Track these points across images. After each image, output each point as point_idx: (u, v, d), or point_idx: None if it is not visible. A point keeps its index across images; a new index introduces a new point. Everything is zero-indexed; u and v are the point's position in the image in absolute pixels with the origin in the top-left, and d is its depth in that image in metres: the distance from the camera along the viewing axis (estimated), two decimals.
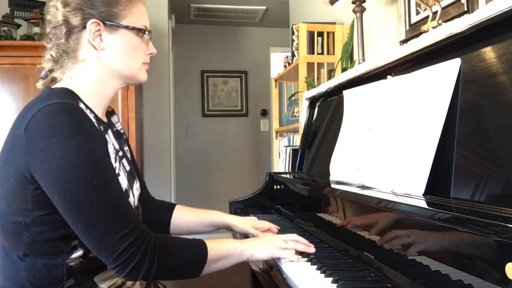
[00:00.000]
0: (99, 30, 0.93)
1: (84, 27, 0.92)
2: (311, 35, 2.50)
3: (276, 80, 3.21)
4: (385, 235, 0.89)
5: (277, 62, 4.84)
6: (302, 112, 1.95)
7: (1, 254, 0.93)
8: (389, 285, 0.84)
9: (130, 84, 1.04)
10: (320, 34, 2.51)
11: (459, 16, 1.27)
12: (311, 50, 2.49)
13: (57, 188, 0.81)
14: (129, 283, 1.01)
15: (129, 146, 1.17)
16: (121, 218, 0.84)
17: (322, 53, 2.51)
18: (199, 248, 0.92)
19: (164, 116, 3.51)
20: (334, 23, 2.57)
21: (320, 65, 2.53)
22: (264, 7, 4.43)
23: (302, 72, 2.47)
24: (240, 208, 1.77)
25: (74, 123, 0.82)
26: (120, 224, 0.83)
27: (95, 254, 0.85)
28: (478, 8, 1.28)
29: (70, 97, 0.89)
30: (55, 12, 0.94)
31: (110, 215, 0.82)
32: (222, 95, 5.02)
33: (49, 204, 0.83)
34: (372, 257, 0.93)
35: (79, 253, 0.89)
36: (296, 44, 2.55)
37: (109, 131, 1.01)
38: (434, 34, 1.00)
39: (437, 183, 0.90)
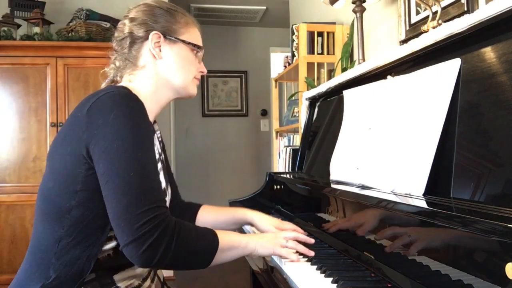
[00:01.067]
0: (159, 41, 1.04)
1: (147, 38, 1.03)
2: (311, 35, 2.50)
3: (276, 80, 3.21)
4: (385, 235, 0.89)
5: (277, 62, 4.84)
6: (302, 112, 1.95)
7: (33, 238, 0.95)
8: (389, 285, 0.84)
9: (182, 96, 1.12)
10: (320, 34, 2.51)
11: (459, 16, 1.27)
12: (311, 50, 2.49)
13: (105, 156, 0.85)
14: (145, 284, 1.02)
15: (165, 153, 1.23)
16: (151, 193, 0.86)
17: (322, 53, 2.51)
18: (212, 237, 0.94)
19: (164, 116, 3.52)
20: (334, 23, 2.57)
21: (320, 65, 2.53)
22: (264, 7, 4.43)
23: (302, 72, 2.47)
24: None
25: (132, 106, 0.90)
26: (149, 198, 0.85)
27: (114, 225, 0.85)
28: (478, 8, 1.28)
29: (130, 90, 0.96)
30: (123, 27, 1.06)
31: (142, 187, 0.85)
32: (222, 95, 5.02)
33: (98, 187, 0.87)
34: (372, 257, 0.93)
35: (112, 244, 0.92)
36: (296, 44, 2.55)
37: (155, 135, 1.07)
38: (434, 34, 1.00)
39: (437, 183, 0.90)
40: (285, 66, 3.02)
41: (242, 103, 5.06)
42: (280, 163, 2.67)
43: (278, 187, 1.74)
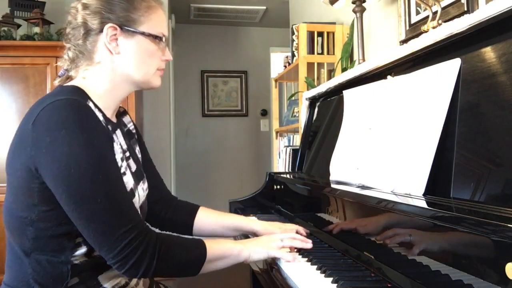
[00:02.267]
0: (115, 34, 0.94)
1: (101, 31, 0.94)
2: (311, 35, 2.50)
3: (276, 80, 3.21)
4: (385, 235, 0.89)
5: (277, 62, 4.84)
6: (302, 112, 1.95)
7: (8, 250, 0.94)
8: (389, 285, 0.84)
9: (143, 89, 1.05)
10: (320, 34, 2.51)
11: (459, 16, 1.27)
12: (311, 50, 2.49)
13: (61, 182, 0.81)
14: (132, 283, 1.01)
15: (142, 145, 1.17)
16: (123, 214, 0.84)
17: (322, 53, 2.51)
18: (198, 248, 0.93)
19: (164, 116, 3.52)
20: (334, 23, 2.57)
21: (320, 65, 2.53)
22: (264, 7, 4.43)
23: (302, 72, 2.47)
24: (240, 208, 1.77)
25: (80, 119, 0.83)
26: (123, 220, 0.84)
27: (96, 249, 0.86)
28: (478, 8, 1.28)
29: (79, 94, 0.90)
30: (75, 13, 0.96)
31: (113, 211, 0.83)
32: (222, 95, 5.02)
33: (54, 199, 0.84)
34: (372, 257, 0.93)
35: (82, 250, 0.89)
36: (296, 44, 2.55)
37: (118, 131, 1.01)
38: (434, 34, 1.00)
39: (437, 183, 0.90)
40: (285, 66, 3.02)
41: (242, 103, 5.06)
42: (280, 163, 2.66)
43: (278, 187, 1.74)
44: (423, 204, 0.82)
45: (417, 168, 0.93)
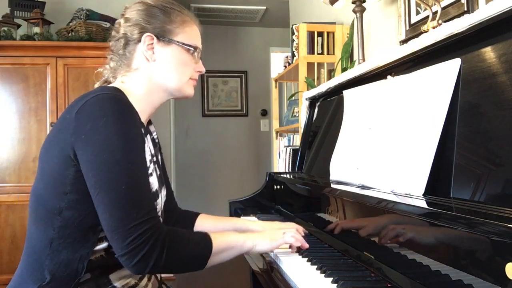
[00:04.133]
0: (152, 43, 1.01)
1: (140, 40, 1.01)
2: (311, 35, 2.50)
3: (276, 80, 3.21)
4: (385, 235, 0.89)
5: (277, 62, 4.84)
6: (302, 112, 1.95)
7: (28, 239, 0.96)
8: (389, 285, 0.84)
9: (177, 97, 1.09)
10: (320, 34, 2.51)
11: (459, 16, 1.27)
12: (311, 50, 2.49)
13: (94, 166, 0.85)
14: (142, 283, 1.02)
15: (161, 155, 1.21)
16: (142, 205, 0.86)
17: (322, 53, 2.51)
18: (205, 241, 0.95)
19: (164, 116, 3.52)
20: (334, 23, 2.57)
21: (320, 65, 2.53)
22: (264, 7, 4.43)
23: (302, 72, 2.47)
24: (240, 208, 1.77)
25: (122, 111, 0.89)
26: (140, 211, 0.85)
27: (108, 237, 0.87)
28: (478, 8, 1.28)
29: (121, 92, 0.95)
30: (118, 28, 1.05)
31: (134, 200, 0.85)
32: (222, 95, 5.02)
33: (86, 189, 0.87)
34: (372, 257, 0.93)
35: (103, 245, 0.92)
36: (296, 44, 2.55)
37: (148, 136, 1.06)
38: (434, 34, 1.00)
39: (437, 183, 0.90)
40: (285, 66, 3.02)
41: (242, 103, 5.06)
42: (280, 163, 2.67)
43: (278, 187, 1.74)
44: (423, 204, 0.82)
45: (417, 168, 0.93)
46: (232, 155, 4.97)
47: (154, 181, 1.00)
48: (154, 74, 1.03)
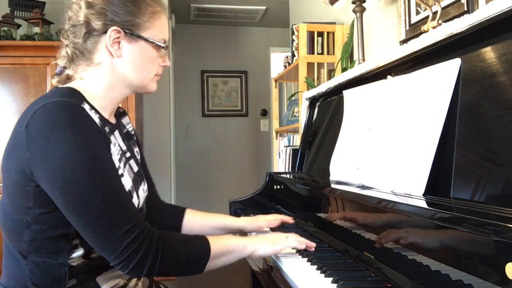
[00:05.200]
0: (118, 37, 0.94)
1: (104, 32, 0.93)
2: (311, 35, 2.50)
3: (276, 80, 3.21)
4: (385, 235, 0.89)
5: (277, 62, 4.84)
6: (302, 112, 1.95)
7: (4, 252, 0.93)
8: (389, 285, 0.84)
9: (139, 93, 1.04)
10: (320, 34, 2.51)
11: (459, 16, 1.27)
12: (311, 50, 2.49)
13: (58, 186, 0.81)
14: (131, 283, 1.01)
15: (140, 147, 1.17)
16: (123, 213, 0.84)
17: (322, 53, 2.51)
18: (202, 245, 0.93)
19: (164, 116, 3.51)
20: (334, 23, 2.57)
21: (320, 65, 2.53)
22: (264, 7, 4.43)
23: (302, 72, 2.47)
24: (240, 208, 1.77)
25: (74, 121, 0.83)
26: (123, 219, 0.83)
27: (98, 251, 0.85)
28: (478, 8, 1.28)
29: (74, 96, 0.89)
30: (78, 10, 0.95)
31: (112, 211, 0.82)
32: (222, 95, 5.02)
33: (50, 202, 0.84)
34: (372, 257, 0.93)
35: (79, 252, 0.89)
36: (296, 44, 2.55)
37: (116, 132, 1.00)
38: (434, 34, 1.00)
39: (437, 183, 0.90)
40: (285, 66, 3.02)
41: (242, 103, 5.06)
42: (280, 163, 2.66)
43: (278, 187, 1.74)
44: (423, 204, 0.82)
45: (417, 168, 0.93)
46: (232, 155, 4.96)
47: (126, 181, 0.95)
48: (118, 70, 0.96)
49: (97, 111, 0.93)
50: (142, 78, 0.99)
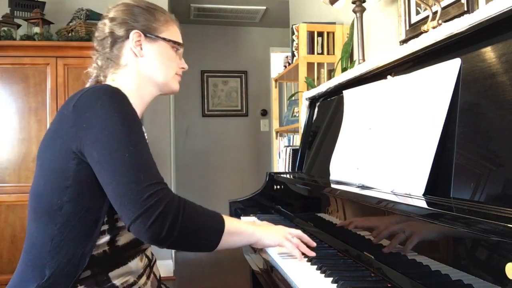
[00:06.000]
0: (139, 40, 1.06)
1: (127, 37, 1.06)
2: (311, 35, 2.50)
3: (276, 80, 3.21)
4: (385, 235, 0.89)
5: (277, 62, 4.84)
6: (302, 112, 1.95)
7: (27, 238, 0.96)
8: (389, 285, 0.84)
9: (165, 92, 1.15)
10: (320, 34, 2.51)
11: (459, 16, 1.27)
12: (311, 50, 2.49)
13: (97, 145, 0.87)
14: (141, 282, 1.02)
15: None
16: (149, 171, 0.87)
17: (322, 53, 2.51)
18: (218, 217, 0.95)
19: (164, 116, 3.51)
20: (334, 23, 2.57)
21: (320, 65, 2.53)
22: (264, 7, 4.43)
23: (302, 72, 2.47)
24: (240, 208, 1.77)
25: (116, 96, 0.92)
26: (148, 176, 0.86)
27: (117, 208, 0.86)
28: (478, 8, 1.28)
29: (114, 86, 0.98)
30: (103, 27, 1.08)
31: (140, 166, 0.86)
32: (222, 95, 5.02)
33: (87, 181, 0.89)
34: (372, 257, 0.93)
35: (105, 238, 0.93)
36: (296, 44, 2.55)
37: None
38: (434, 34, 1.00)
39: (437, 183, 0.90)
40: (285, 66, 3.02)
41: (242, 103, 5.06)
42: (280, 163, 2.67)
43: (278, 187, 1.74)
44: (423, 204, 0.82)
45: (417, 168, 0.93)
46: (232, 155, 4.96)
47: None
48: (143, 68, 1.07)
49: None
50: (165, 75, 1.11)
